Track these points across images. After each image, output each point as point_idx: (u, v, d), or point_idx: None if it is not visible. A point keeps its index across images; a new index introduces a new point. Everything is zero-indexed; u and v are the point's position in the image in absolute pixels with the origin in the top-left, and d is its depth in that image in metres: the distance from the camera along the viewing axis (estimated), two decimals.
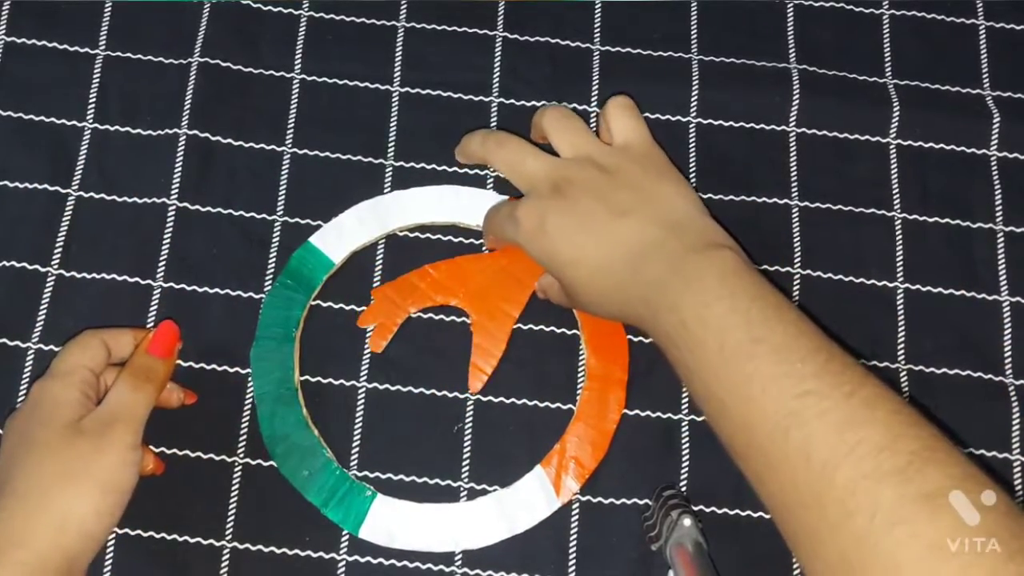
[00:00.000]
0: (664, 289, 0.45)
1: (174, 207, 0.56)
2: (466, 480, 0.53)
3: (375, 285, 0.56)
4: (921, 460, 0.37)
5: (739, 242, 0.57)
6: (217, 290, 0.55)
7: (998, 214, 0.59)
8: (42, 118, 0.58)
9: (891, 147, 0.60)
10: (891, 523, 0.36)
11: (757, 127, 0.60)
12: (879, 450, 0.37)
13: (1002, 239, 0.58)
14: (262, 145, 0.58)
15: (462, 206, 0.57)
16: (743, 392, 0.41)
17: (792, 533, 0.40)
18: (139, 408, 0.46)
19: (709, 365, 0.42)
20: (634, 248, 0.47)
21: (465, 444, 0.54)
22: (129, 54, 0.60)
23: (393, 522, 0.52)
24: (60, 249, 0.55)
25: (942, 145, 0.60)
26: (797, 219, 0.58)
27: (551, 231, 0.48)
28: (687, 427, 0.54)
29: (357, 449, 0.53)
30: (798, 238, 0.58)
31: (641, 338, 0.55)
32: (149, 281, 0.55)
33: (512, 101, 0.60)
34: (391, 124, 0.59)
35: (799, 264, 0.57)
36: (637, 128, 0.52)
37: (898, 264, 0.58)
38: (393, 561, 0.51)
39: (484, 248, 0.57)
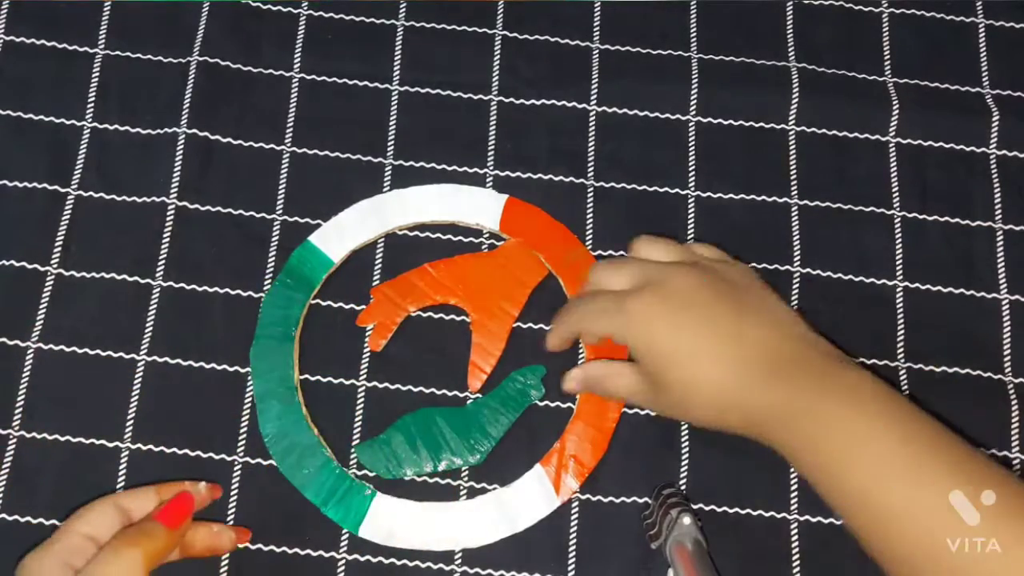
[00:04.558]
0: (810, 396, 0.44)
1: (173, 206, 0.56)
2: (466, 479, 0.53)
3: (375, 284, 0.56)
4: None
5: (739, 243, 0.57)
6: (217, 289, 0.55)
7: (997, 212, 0.59)
8: (41, 117, 0.58)
9: (890, 145, 0.60)
10: None
11: (757, 125, 0.60)
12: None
13: (1001, 237, 0.58)
14: (261, 144, 0.58)
15: (462, 205, 0.57)
16: (904, 498, 0.41)
17: None
18: (117, 574, 0.42)
19: (861, 471, 0.42)
20: (770, 355, 0.45)
21: None
22: (128, 53, 0.60)
23: (393, 521, 0.52)
24: (60, 249, 0.55)
25: (941, 143, 0.60)
26: (796, 218, 0.58)
27: (672, 325, 0.46)
28: (686, 425, 0.54)
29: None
30: (797, 237, 0.58)
31: None
32: (149, 280, 0.55)
33: (512, 100, 0.60)
34: (390, 123, 0.59)
35: (798, 263, 0.57)
36: (722, 252, 0.51)
37: (897, 262, 0.58)
38: (393, 560, 0.51)
39: (482, 237, 0.57)
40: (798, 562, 0.52)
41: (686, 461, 0.53)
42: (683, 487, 0.53)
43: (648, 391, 0.48)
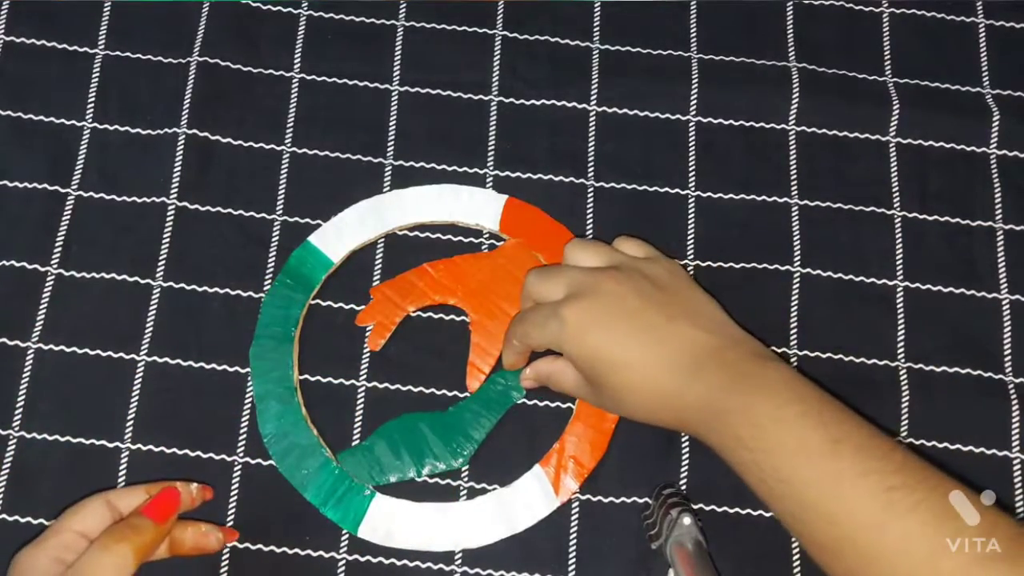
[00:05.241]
0: (730, 393, 0.45)
1: (173, 206, 0.56)
2: (465, 479, 0.53)
3: (374, 284, 0.56)
4: (1019, 544, 0.39)
5: (739, 243, 0.57)
6: (217, 289, 0.55)
7: (997, 212, 0.59)
8: (42, 118, 0.58)
9: (891, 145, 0.60)
10: None
11: (757, 126, 0.60)
12: (979, 537, 0.39)
13: (1001, 237, 0.58)
14: (261, 144, 0.58)
15: (461, 205, 0.57)
16: (830, 490, 0.42)
17: None
18: (106, 570, 0.43)
19: (788, 465, 0.43)
20: (690, 355, 0.47)
21: None
22: (128, 54, 0.60)
23: (392, 521, 0.52)
24: (60, 249, 0.56)
25: (942, 143, 0.60)
26: (797, 218, 0.58)
27: (602, 331, 0.47)
28: None
29: None
30: (798, 237, 0.58)
31: None
32: (149, 280, 0.55)
33: (512, 100, 0.60)
34: (390, 123, 0.59)
35: (799, 263, 0.57)
36: (650, 248, 0.52)
37: (898, 262, 0.57)
38: (393, 560, 0.51)
39: (482, 237, 0.57)
40: (798, 562, 0.52)
41: (686, 461, 0.53)
42: (683, 487, 0.53)
43: (588, 389, 0.50)
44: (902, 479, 0.41)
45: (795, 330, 0.56)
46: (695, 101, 0.60)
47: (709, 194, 0.58)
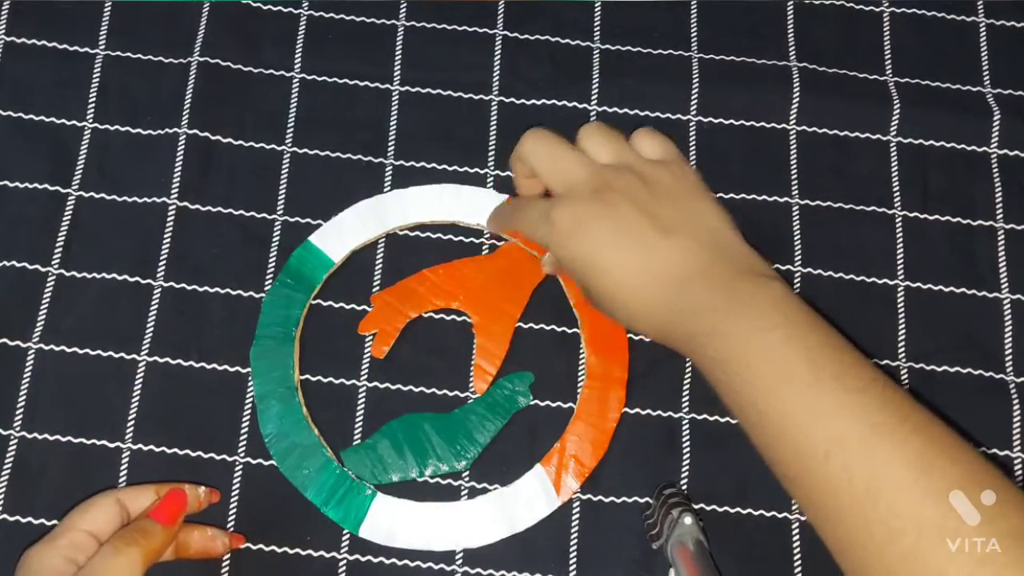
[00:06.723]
0: (712, 313, 0.44)
1: (174, 207, 0.56)
2: (466, 479, 0.53)
3: (375, 284, 0.56)
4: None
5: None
6: (217, 290, 0.55)
7: (999, 211, 0.59)
8: (42, 118, 0.58)
9: (892, 145, 0.60)
10: (939, 539, 0.37)
11: (757, 125, 0.60)
12: (979, 538, 0.38)
13: (1002, 236, 0.58)
14: (262, 144, 0.58)
15: (462, 205, 0.57)
16: (807, 423, 0.41)
17: (839, 549, 0.41)
18: (116, 573, 0.43)
19: (764, 391, 0.42)
20: (680, 269, 0.45)
21: None
22: (129, 54, 0.60)
23: (393, 521, 0.52)
24: (60, 249, 0.56)
25: (943, 143, 0.60)
26: (798, 217, 0.58)
27: (589, 237, 0.46)
28: (687, 425, 0.54)
29: None
30: (799, 236, 0.58)
31: (641, 337, 0.55)
32: (149, 281, 0.55)
33: (512, 100, 0.60)
34: (391, 123, 0.59)
35: (800, 262, 0.57)
36: (669, 147, 0.50)
37: (899, 262, 0.57)
38: (394, 560, 0.51)
39: (483, 237, 0.57)
40: (799, 562, 0.52)
41: (687, 461, 0.53)
42: (684, 487, 0.53)
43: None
44: (884, 417, 0.40)
45: None
46: (695, 101, 0.60)
47: None
